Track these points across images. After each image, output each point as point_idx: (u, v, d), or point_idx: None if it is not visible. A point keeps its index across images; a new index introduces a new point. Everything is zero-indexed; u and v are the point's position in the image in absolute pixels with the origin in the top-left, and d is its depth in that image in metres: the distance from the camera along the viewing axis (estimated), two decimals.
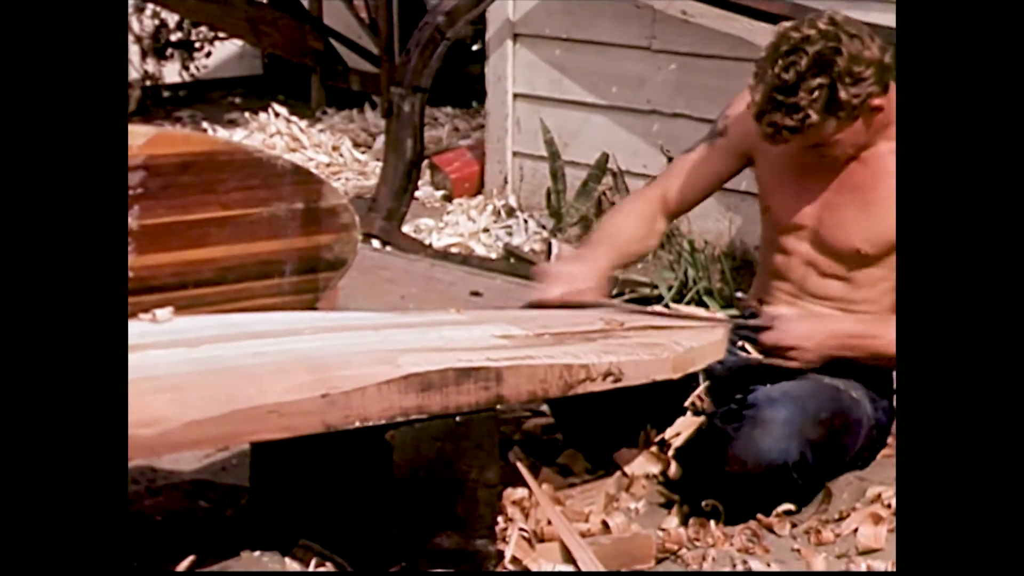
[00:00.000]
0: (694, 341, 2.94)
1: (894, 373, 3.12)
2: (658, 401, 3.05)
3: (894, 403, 3.13)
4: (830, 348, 3.02)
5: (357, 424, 2.42)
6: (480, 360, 2.57)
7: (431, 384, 2.49)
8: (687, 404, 3.11)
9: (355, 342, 2.67)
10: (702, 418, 3.09)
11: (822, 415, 2.95)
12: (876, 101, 2.93)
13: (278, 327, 2.74)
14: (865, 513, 2.92)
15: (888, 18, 4.43)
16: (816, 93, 2.86)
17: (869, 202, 3.03)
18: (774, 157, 3.13)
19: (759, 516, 2.97)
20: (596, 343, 2.84)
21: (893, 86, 2.98)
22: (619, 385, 2.76)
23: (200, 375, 2.39)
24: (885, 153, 3.02)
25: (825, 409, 2.96)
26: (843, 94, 2.87)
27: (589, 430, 3.19)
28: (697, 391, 3.11)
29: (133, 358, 2.38)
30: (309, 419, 2.38)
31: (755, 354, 3.05)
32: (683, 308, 3.23)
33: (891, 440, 3.20)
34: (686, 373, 2.89)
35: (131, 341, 2.47)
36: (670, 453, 3.07)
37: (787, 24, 2.97)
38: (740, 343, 3.06)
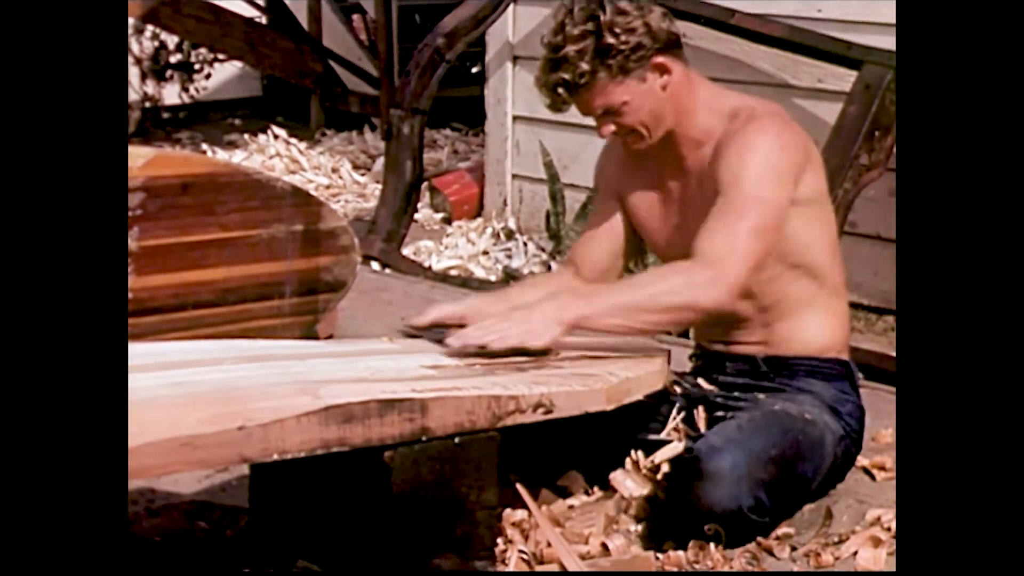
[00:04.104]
0: (630, 372, 2.88)
1: (854, 370, 3.09)
2: (598, 432, 2.98)
3: (860, 401, 3.10)
4: (550, 312, 2.83)
5: (276, 457, 2.33)
6: (405, 391, 2.50)
7: (352, 416, 2.41)
8: (664, 435, 3.04)
9: (277, 372, 2.60)
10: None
11: (772, 451, 2.87)
12: (658, 59, 2.96)
13: (200, 356, 2.68)
14: (865, 536, 2.91)
15: (887, 42, 4.45)
16: (582, 44, 2.92)
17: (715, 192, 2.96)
18: (634, 192, 3.16)
19: (759, 539, 2.96)
20: (527, 373, 2.77)
21: (696, 75, 3.08)
22: (550, 417, 2.68)
23: None
24: (707, 147, 2.99)
25: (774, 444, 2.89)
26: (609, 39, 2.90)
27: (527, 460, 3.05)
28: (673, 421, 3.06)
29: None
30: (225, 452, 2.29)
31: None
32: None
33: (890, 462, 3.20)
34: (621, 404, 2.82)
35: None
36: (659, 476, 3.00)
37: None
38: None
